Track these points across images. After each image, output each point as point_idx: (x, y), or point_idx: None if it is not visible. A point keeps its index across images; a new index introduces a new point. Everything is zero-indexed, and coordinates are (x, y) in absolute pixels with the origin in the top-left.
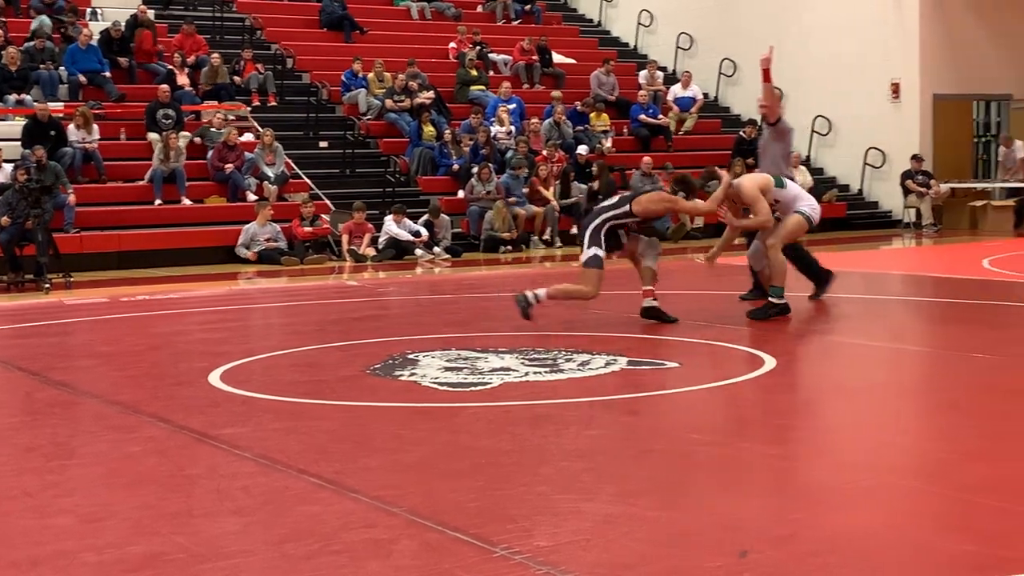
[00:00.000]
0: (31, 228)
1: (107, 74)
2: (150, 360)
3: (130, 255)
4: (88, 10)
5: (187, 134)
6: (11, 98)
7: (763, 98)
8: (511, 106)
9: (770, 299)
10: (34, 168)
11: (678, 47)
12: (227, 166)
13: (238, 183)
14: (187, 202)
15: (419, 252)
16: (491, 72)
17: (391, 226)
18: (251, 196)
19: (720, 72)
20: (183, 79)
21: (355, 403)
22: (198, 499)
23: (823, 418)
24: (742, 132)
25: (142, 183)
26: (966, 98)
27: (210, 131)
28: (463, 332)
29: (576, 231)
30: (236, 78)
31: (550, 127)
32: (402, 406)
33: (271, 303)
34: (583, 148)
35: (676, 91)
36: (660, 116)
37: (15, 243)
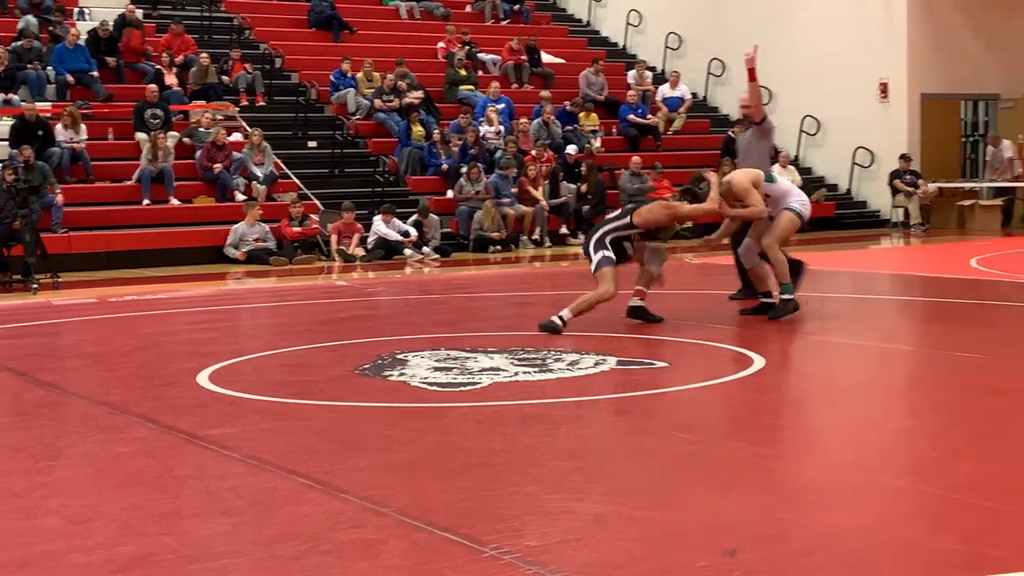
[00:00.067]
0: (19, 228)
1: (95, 74)
2: (138, 361)
3: (118, 255)
4: (76, 9)
5: (175, 134)
6: None
7: (748, 98)
8: (500, 106)
9: (783, 296)
10: (22, 168)
11: (667, 47)
12: (215, 166)
13: (226, 183)
14: (175, 202)
15: (408, 252)
16: (480, 72)
17: (380, 226)
18: (239, 196)
19: (709, 72)
20: (171, 79)
21: (344, 403)
22: (186, 500)
23: (812, 417)
24: (730, 132)
25: (130, 183)
26: (954, 98)
27: (198, 131)
28: (452, 332)
29: (565, 230)
30: (224, 78)
31: (539, 127)
32: (391, 406)
33: (260, 303)
34: (572, 148)
35: (665, 91)
36: (649, 116)
37: (2, 243)
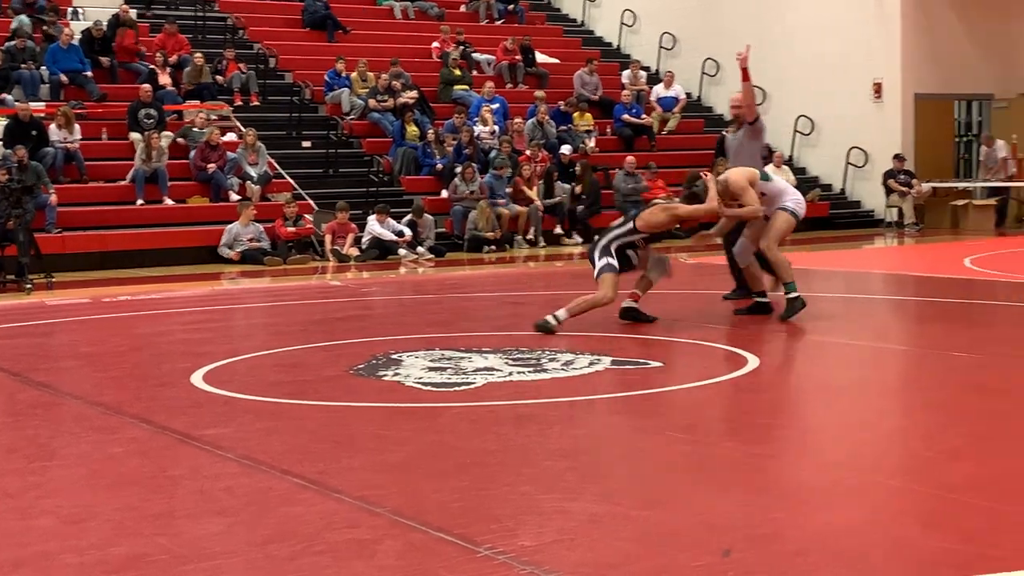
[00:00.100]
0: (12, 228)
1: (88, 74)
2: (132, 361)
3: (112, 255)
4: (69, 9)
5: (169, 134)
6: None
7: (742, 98)
8: (494, 106)
9: (788, 296)
10: (15, 168)
11: (661, 47)
12: (210, 166)
13: (221, 183)
14: (169, 202)
15: (402, 252)
16: (474, 72)
17: (374, 226)
18: (234, 196)
19: (703, 72)
20: (165, 79)
21: (338, 403)
22: (181, 500)
23: (807, 417)
24: (724, 132)
25: (124, 183)
26: (947, 98)
27: (192, 131)
28: (447, 332)
29: (559, 230)
30: (218, 77)
31: (533, 127)
32: (385, 406)
33: (254, 303)
34: (566, 148)
35: (659, 91)
36: (643, 116)
37: None
